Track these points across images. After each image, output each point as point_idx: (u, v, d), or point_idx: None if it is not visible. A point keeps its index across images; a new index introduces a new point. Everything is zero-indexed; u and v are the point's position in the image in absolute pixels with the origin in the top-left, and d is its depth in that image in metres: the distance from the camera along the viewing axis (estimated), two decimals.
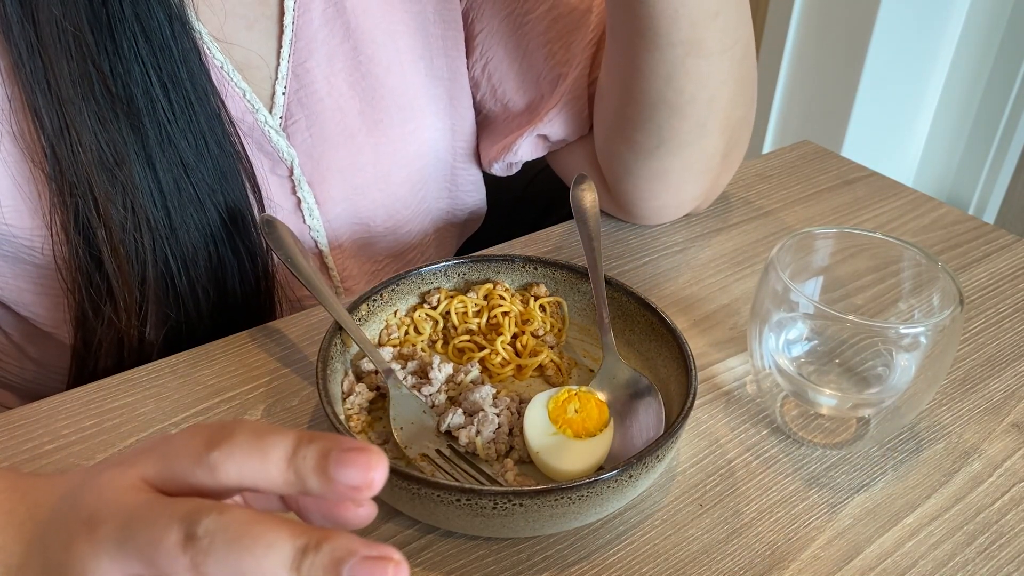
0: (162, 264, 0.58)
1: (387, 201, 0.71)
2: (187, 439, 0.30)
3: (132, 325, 0.58)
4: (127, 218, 0.55)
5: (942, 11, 1.60)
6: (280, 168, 0.65)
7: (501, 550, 0.46)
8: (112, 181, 0.54)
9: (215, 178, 0.58)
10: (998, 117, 1.65)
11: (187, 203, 0.58)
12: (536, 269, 0.59)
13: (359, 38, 0.66)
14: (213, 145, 0.58)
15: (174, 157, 0.56)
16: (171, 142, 0.56)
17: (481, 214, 0.83)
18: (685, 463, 0.51)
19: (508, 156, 0.74)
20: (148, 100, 0.55)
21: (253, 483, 0.29)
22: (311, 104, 0.65)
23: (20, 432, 0.51)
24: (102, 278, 0.56)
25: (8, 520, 0.33)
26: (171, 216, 0.57)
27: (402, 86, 0.69)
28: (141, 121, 0.55)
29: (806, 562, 0.45)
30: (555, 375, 0.56)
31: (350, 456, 0.28)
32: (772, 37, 1.76)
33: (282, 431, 0.29)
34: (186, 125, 0.56)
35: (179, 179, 0.57)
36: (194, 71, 0.56)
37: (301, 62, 0.64)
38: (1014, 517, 0.48)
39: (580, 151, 0.73)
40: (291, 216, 0.67)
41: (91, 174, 0.53)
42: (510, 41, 0.71)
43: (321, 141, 0.66)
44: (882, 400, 0.50)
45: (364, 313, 0.56)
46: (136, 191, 0.55)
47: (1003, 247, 0.72)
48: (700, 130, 0.63)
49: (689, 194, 0.69)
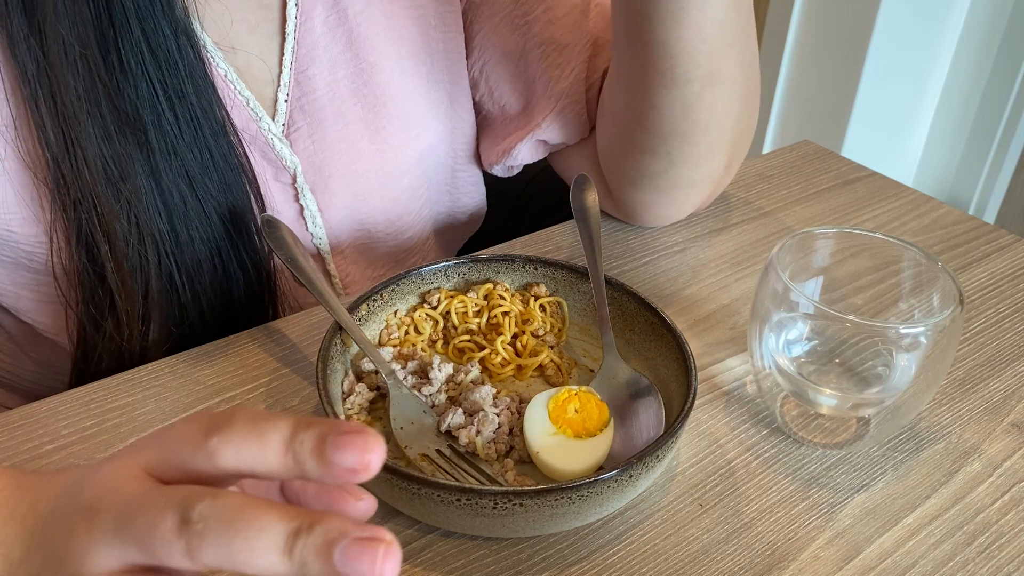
0: (166, 277, 0.58)
1: (388, 207, 0.71)
2: (186, 426, 0.31)
3: (134, 339, 0.58)
4: (131, 232, 0.55)
5: (942, 11, 1.60)
6: (283, 176, 0.65)
7: (501, 550, 0.46)
8: (116, 196, 0.54)
9: (220, 190, 0.58)
10: (998, 117, 1.65)
11: (192, 216, 0.58)
12: (536, 269, 0.59)
13: (361, 45, 0.66)
14: (218, 157, 0.58)
15: (179, 170, 0.56)
16: (176, 155, 0.56)
17: (481, 215, 0.83)
18: (685, 463, 0.51)
19: (508, 160, 0.74)
20: (154, 115, 0.55)
21: (251, 468, 0.29)
22: (313, 111, 0.65)
23: (20, 432, 0.51)
24: (104, 292, 0.56)
25: (10, 515, 0.34)
26: (176, 229, 0.57)
27: (404, 92, 0.69)
28: (147, 136, 0.55)
29: (806, 562, 0.45)
30: (555, 375, 0.56)
31: (347, 439, 0.28)
32: (772, 37, 1.76)
33: (280, 416, 0.30)
34: (191, 139, 0.56)
35: (184, 192, 0.57)
36: (199, 84, 0.56)
37: (303, 69, 0.64)
38: (1014, 517, 0.48)
39: (580, 153, 0.73)
40: (294, 224, 0.67)
41: (95, 189, 0.53)
42: (507, 43, 0.71)
43: (323, 148, 0.66)
44: (882, 400, 0.50)
45: (364, 313, 0.56)
46: (140, 205, 0.55)
47: (1003, 247, 0.72)
48: (709, 153, 0.63)
49: (692, 204, 0.69)
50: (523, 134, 0.72)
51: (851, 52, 1.63)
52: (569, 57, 0.68)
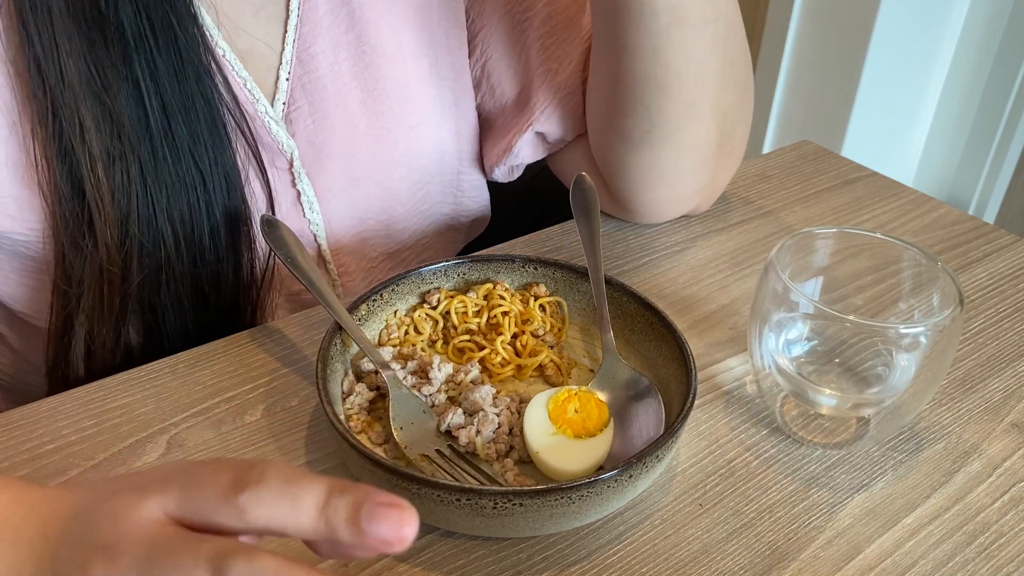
0: (145, 202, 0.56)
1: (383, 195, 0.71)
2: (212, 475, 0.30)
3: (114, 262, 0.56)
4: (113, 146, 0.54)
5: (942, 11, 1.60)
6: (280, 160, 0.65)
7: (501, 550, 0.46)
8: (100, 107, 0.54)
9: (201, 129, 0.58)
10: (998, 117, 1.65)
11: (170, 147, 0.57)
12: (536, 269, 0.59)
13: (363, 27, 0.67)
14: (200, 99, 0.57)
15: (158, 98, 0.56)
16: (156, 81, 0.55)
17: (486, 220, 0.83)
18: (685, 463, 0.51)
19: (509, 159, 0.74)
20: (136, 34, 0.54)
21: (282, 528, 0.29)
22: (314, 91, 0.65)
23: (20, 432, 0.51)
24: (82, 209, 0.55)
25: (17, 535, 0.33)
26: (155, 154, 0.56)
27: (405, 79, 0.70)
28: (128, 55, 0.54)
29: (806, 562, 0.45)
30: (555, 375, 0.56)
31: (383, 511, 0.28)
32: (772, 37, 1.76)
33: (313, 478, 0.29)
34: (172, 69, 0.56)
35: (162, 121, 0.56)
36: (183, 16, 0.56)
37: (306, 47, 0.64)
38: (1014, 517, 0.48)
39: (578, 151, 0.73)
40: (291, 209, 0.67)
41: (78, 97, 0.53)
42: (508, 39, 0.71)
43: (323, 128, 0.66)
44: (882, 400, 0.50)
45: (364, 313, 0.56)
46: (122, 119, 0.55)
47: (1003, 247, 0.72)
48: (689, 111, 0.62)
49: (686, 187, 0.68)
50: (522, 127, 0.72)
51: (851, 52, 1.63)
52: (567, 50, 0.69)
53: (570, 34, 0.69)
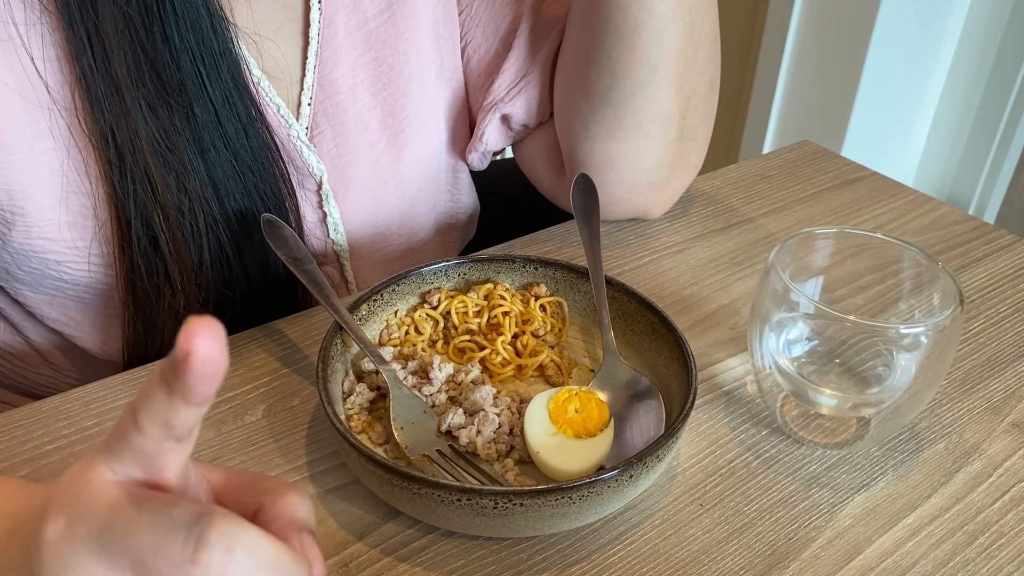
0: (216, 247, 0.59)
1: (403, 208, 0.72)
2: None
3: (192, 305, 0.59)
4: (183, 201, 0.57)
5: (942, 11, 1.60)
6: (309, 183, 0.65)
7: (501, 550, 0.46)
8: (166, 166, 0.56)
9: (256, 168, 0.60)
10: (998, 117, 1.65)
11: (234, 190, 0.59)
12: (536, 269, 0.59)
13: (381, 48, 0.67)
14: (253, 136, 0.59)
15: (222, 145, 0.58)
16: (220, 129, 0.58)
17: (476, 214, 0.83)
18: (685, 463, 0.51)
19: (477, 145, 0.74)
20: (197, 88, 0.56)
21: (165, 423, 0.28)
22: (336, 115, 0.66)
23: (20, 432, 0.51)
24: (159, 259, 0.58)
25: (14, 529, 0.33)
26: (222, 200, 0.59)
27: (421, 94, 0.70)
28: (192, 109, 0.56)
29: (806, 562, 0.45)
30: (555, 375, 0.56)
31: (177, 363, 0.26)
32: (772, 37, 1.76)
33: None
34: (228, 114, 0.58)
35: (226, 166, 0.58)
36: (232, 65, 0.58)
37: (327, 72, 0.65)
38: (1014, 517, 0.48)
39: (541, 139, 0.73)
40: (315, 231, 0.67)
41: (147, 159, 0.55)
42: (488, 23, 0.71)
43: (346, 151, 0.67)
44: (882, 400, 0.50)
45: (364, 313, 0.56)
46: (188, 174, 0.57)
47: (1003, 247, 0.72)
48: (650, 72, 0.62)
49: (644, 170, 0.67)
50: (488, 109, 0.71)
51: (851, 52, 1.63)
52: (539, 35, 0.69)
53: (549, 23, 0.69)
